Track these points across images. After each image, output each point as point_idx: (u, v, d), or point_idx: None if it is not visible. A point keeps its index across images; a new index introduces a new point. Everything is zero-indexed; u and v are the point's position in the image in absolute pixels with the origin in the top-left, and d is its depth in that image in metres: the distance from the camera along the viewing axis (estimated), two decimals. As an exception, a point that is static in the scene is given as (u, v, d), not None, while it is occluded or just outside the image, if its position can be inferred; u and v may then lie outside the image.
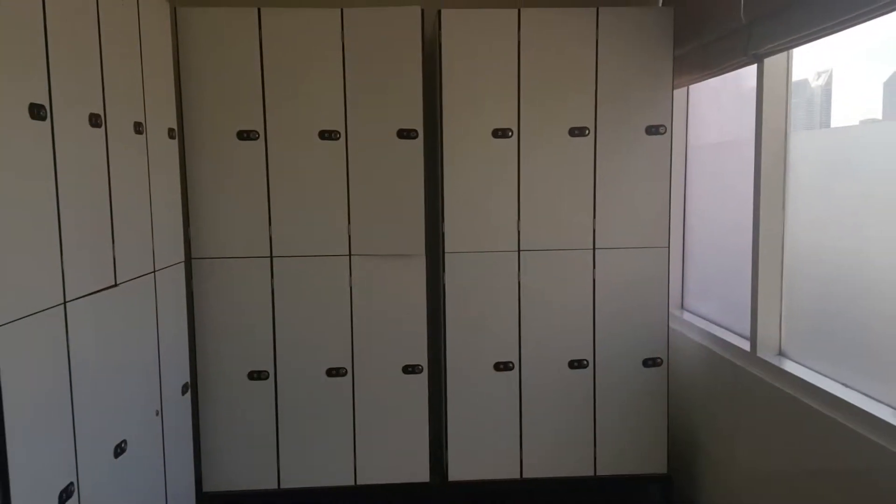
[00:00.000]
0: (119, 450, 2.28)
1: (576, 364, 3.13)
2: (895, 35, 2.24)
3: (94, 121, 2.14)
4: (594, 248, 3.08)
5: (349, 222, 3.06)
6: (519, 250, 3.07)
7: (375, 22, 2.97)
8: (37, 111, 1.84)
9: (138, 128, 2.46)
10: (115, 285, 2.28)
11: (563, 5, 3.04)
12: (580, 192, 3.06)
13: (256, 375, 3.11)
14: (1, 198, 1.70)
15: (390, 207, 3.05)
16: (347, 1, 3.09)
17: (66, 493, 1.95)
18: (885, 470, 1.93)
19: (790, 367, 2.52)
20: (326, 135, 3.01)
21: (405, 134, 3.01)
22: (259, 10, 2.95)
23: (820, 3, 2.20)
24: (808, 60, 2.60)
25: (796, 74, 2.62)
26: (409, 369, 3.15)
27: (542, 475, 3.17)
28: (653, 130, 3.04)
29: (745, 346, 2.76)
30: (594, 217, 3.07)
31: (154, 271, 2.59)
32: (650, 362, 3.13)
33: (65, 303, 1.97)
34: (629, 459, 3.18)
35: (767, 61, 2.59)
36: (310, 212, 3.05)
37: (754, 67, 2.65)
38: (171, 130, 2.78)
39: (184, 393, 2.89)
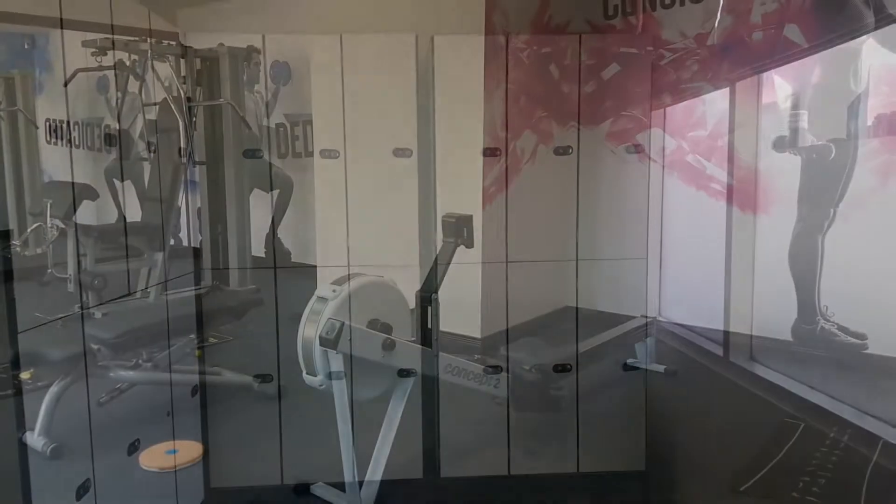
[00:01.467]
0: (133, 448, 2.43)
1: (560, 368, 3.27)
2: (858, 62, 2.39)
3: None
4: (577, 259, 3.22)
5: (348, 235, 3.21)
6: (507, 261, 3.22)
7: (373, 47, 3.13)
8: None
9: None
10: (129, 294, 2.44)
11: (548, 33, 3.20)
12: (564, 206, 3.18)
13: (261, 378, 3.26)
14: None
15: (387, 221, 3.20)
16: (346, 27, 3.24)
17: (83, 489, 2.07)
18: (850, 465, 2.07)
19: (760, 370, 2.65)
20: (326, 153, 3.18)
21: (401, 152, 3.15)
22: (263, 36, 3.11)
23: (789, 31, 2.34)
24: (778, 84, 2.74)
25: (767, 97, 2.75)
26: (405, 373, 3.29)
27: (528, 472, 3.31)
28: (632, 150, 3.18)
29: (719, 351, 2.91)
30: (577, 230, 3.20)
31: (166, 281, 2.74)
32: (630, 366, 3.28)
33: (82, 310, 2.12)
34: (610, 457, 3.29)
35: (739, 85, 2.72)
36: (311, 224, 3.20)
37: (728, 90, 2.79)
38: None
39: (193, 395, 3.04)
